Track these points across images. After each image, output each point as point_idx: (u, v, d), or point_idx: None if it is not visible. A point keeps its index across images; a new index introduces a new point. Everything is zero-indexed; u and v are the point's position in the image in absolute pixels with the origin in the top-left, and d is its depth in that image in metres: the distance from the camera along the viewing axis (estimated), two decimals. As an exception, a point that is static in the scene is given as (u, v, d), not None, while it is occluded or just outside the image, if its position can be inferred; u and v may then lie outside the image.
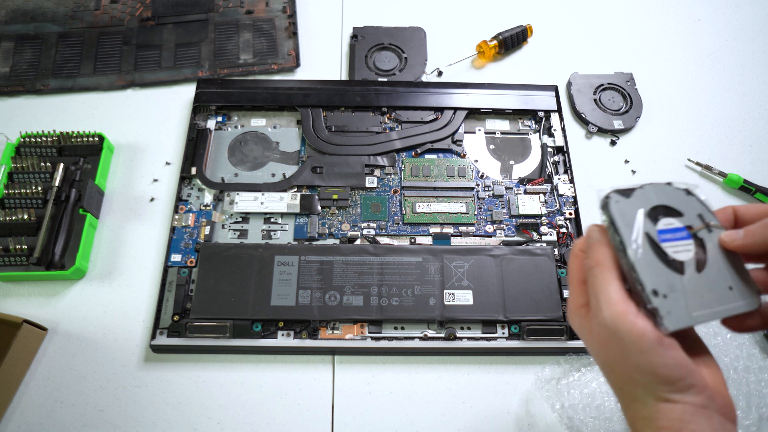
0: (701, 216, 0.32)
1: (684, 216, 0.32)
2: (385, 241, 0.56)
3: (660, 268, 0.30)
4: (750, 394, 0.49)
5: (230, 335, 0.50)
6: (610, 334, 0.29)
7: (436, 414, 0.49)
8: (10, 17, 0.71)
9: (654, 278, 0.30)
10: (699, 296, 0.30)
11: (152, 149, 0.63)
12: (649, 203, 0.32)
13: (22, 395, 0.49)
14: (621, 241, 0.31)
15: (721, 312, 0.31)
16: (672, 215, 0.32)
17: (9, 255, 0.53)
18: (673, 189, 0.33)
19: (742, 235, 0.32)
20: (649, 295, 0.30)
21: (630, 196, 0.32)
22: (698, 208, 0.33)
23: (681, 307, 0.30)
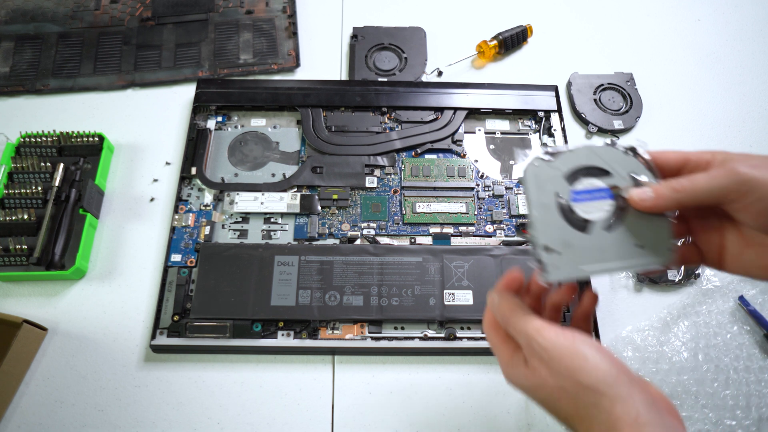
0: (635, 174, 0.33)
1: (612, 176, 0.33)
2: (385, 241, 0.56)
3: (561, 226, 0.32)
4: (750, 394, 0.49)
5: (230, 335, 0.50)
6: (551, 356, 0.30)
7: (436, 414, 0.49)
8: (10, 17, 0.71)
9: (549, 235, 0.32)
10: (597, 252, 0.32)
11: (152, 149, 0.63)
12: (573, 165, 0.33)
13: (22, 395, 0.49)
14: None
15: (617, 267, 0.32)
16: (599, 176, 0.33)
17: (9, 255, 0.53)
18: (611, 150, 0.33)
19: (652, 198, 0.32)
20: (540, 251, 0.32)
21: (554, 160, 0.33)
22: (634, 166, 0.33)
23: (570, 262, 0.32)
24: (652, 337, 0.52)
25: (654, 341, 0.52)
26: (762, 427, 0.47)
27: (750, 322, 0.53)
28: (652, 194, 0.32)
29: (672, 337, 0.52)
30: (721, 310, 0.54)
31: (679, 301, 0.54)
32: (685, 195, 0.31)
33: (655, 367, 0.50)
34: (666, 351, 0.51)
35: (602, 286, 0.56)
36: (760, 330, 0.52)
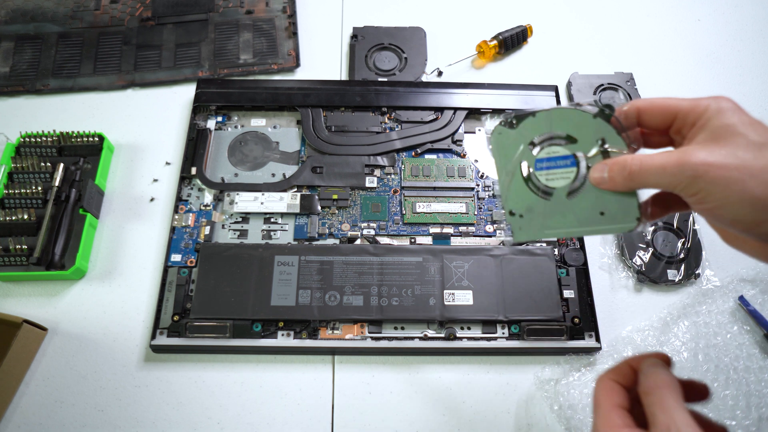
0: (602, 141, 0.32)
1: (578, 143, 0.32)
2: (385, 241, 0.56)
3: (525, 193, 0.34)
4: (750, 394, 0.49)
5: (230, 335, 0.50)
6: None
7: (436, 414, 0.49)
8: (10, 17, 0.71)
9: (514, 201, 0.34)
10: (560, 217, 0.33)
11: (152, 149, 0.63)
12: (537, 132, 0.33)
13: (22, 395, 0.49)
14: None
15: (578, 232, 0.33)
16: (564, 142, 0.33)
17: (9, 255, 0.53)
18: (578, 113, 0.32)
19: (606, 180, 0.31)
20: (507, 215, 0.34)
21: (517, 126, 0.34)
22: (603, 131, 0.32)
23: (533, 226, 0.33)
24: (652, 337, 0.52)
25: (654, 341, 0.52)
26: (762, 427, 0.47)
27: (750, 322, 0.53)
28: (606, 176, 0.31)
29: (672, 337, 0.52)
30: (721, 310, 0.54)
31: (679, 301, 0.54)
32: (636, 183, 0.30)
33: (655, 367, 0.50)
34: (666, 351, 0.51)
35: (602, 287, 0.56)
36: (760, 330, 0.52)
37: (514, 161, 0.34)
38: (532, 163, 0.33)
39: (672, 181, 0.29)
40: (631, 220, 0.31)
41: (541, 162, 0.33)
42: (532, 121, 0.33)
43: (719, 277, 0.56)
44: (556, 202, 0.33)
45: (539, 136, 0.33)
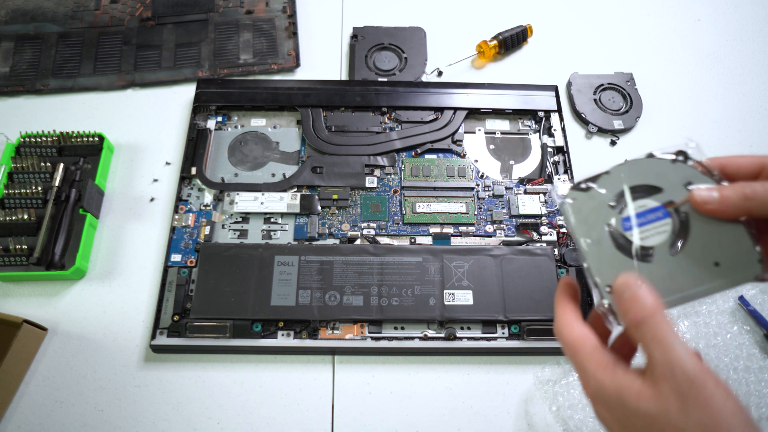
0: (689, 184, 0.28)
1: (664, 191, 0.29)
2: (385, 241, 0.56)
3: (620, 260, 0.28)
4: (750, 394, 0.49)
5: (230, 335, 0.50)
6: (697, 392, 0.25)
7: (436, 414, 0.49)
8: (10, 17, 0.71)
9: (609, 273, 0.28)
10: (669, 281, 0.28)
11: (152, 149, 0.63)
12: (614, 190, 0.29)
13: (22, 395, 0.49)
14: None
15: (697, 293, 0.28)
16: (649, 194, 0.29)
17: (9, 255, 0.53)
18: (655, 161, 0.29)
19: (716, 200, 0.27)
20: (603, 291, 0.27)
21: (593, 187, 0.30)
22: (687, 175, 0.29)
23: None
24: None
25: (654, 341, 0.52)
26: (762, 427, 0.47)
27: (750, 322, 0.53)
28: (717, 196, 0.28)
29: (672, 337, 0.52)
30: (721, 310, 0.54)
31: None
32: (756, 203, 0.27)
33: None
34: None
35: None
36: (760, 330, 0.52)
37: (598, 226, 0.29)
38: (618, 224, 0.29)
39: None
40: (753, 264, 0.27)
41: (628, 221, 0.29)
42: (607, 179, 0.30)
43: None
44: (661, 262, 0.28)
45: (618, 194, 0.29)
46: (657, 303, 0.27)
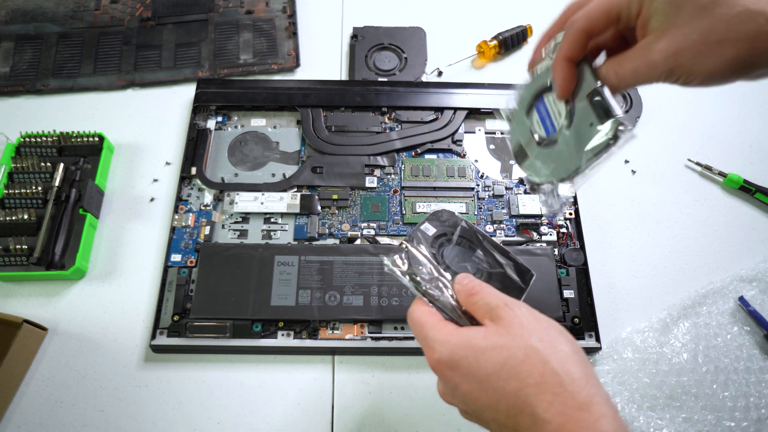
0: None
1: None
2: (385, 241, 0.56)
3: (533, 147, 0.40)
4: (750, 394, 0.49)
5: (230, 335, 0.50)
6: (530, 319, 0.32)
7: (436, 414, 0.49)
8: (10, 17, 0.71)
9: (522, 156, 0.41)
10: (568, 158, 0.37)
11: (152, 149, 0.63)
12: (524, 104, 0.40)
13: (22, 395, 0.49)
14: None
15: (592, 149, 0.35)
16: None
17: (9, 255, 0.53)
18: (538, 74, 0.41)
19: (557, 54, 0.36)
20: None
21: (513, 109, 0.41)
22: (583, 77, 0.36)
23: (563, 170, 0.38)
24: (651, 338, 0.52)
25: (654, 342, 0.52)
26: (762, 427, 0.47)
27: (750, 322, 0.53)
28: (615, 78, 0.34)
29: (672, 339, 0.52)
30: (721, 311, 0.54)
31: (680, 302, 0.54)
32: (624, 86, 0.34)
33: (654, 369, 0.50)
34: (666, 352, 0.51)
35: (602, 286, 0.55)
36: (761, 331, 0.52)
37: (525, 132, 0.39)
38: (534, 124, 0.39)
39: (650, 78, 0.32)
40: (592, 83, 0.35)
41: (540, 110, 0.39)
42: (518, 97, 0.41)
43: (719, 278, 0.56)
44: (561, 144, 0.37)
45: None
46: (479, 281, 0.35)
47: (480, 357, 0.30)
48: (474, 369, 0.30)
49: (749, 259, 0.57)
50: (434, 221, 0.40)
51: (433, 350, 0.32)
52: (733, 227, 0.59)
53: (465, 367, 0.31)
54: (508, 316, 0.31)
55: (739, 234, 0.59)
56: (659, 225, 0.59)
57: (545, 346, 0.30)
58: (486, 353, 0.30)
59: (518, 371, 0.29)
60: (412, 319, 0.35)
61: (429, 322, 0.34)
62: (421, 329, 0.34)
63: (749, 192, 0.60)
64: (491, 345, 0.30)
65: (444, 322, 0.34)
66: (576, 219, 0.58)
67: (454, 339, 0.32)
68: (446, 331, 0.33)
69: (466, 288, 0.35)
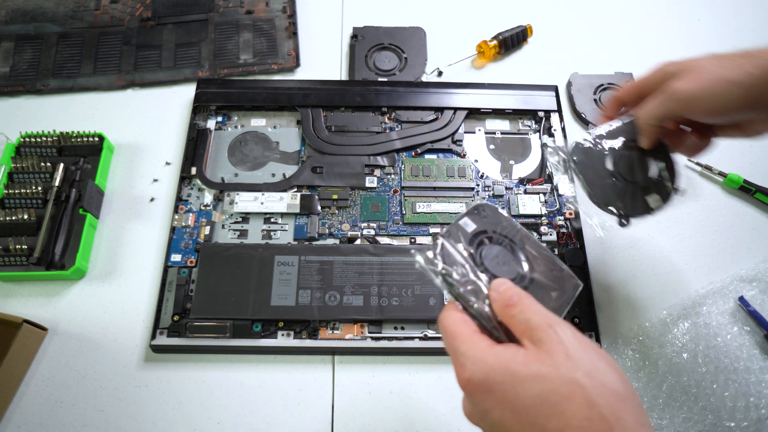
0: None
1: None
2: (385, 241, 0.56)
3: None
4: (750, 394, 0.49)
5: (230, 335, 0.50)
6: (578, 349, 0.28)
7: (436, 414, 0.49)
8: (10, 17, 0.71)
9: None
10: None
11: (152, 149, 0.63)
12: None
13: (22, 395, 0.49)
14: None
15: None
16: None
17: (9, 255, 0.53)
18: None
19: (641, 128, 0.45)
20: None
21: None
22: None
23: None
24: (651, 338, 0.52)
25: (654, 342, 0.52)
26: (762, 427, 0.47)
27: (750, 322, 0.53)
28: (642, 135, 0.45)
29: (672, 338, 0.52)
30: (721, 311, 0.54)
31: (680, 302, 0.54)
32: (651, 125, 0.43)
33: (654, 369, 0.50)
34: (666, 352, 0.51)
35: (602, 286, 0.56)
36: (761, 331, 0.52)
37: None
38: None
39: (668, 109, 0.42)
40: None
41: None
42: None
43: (719, 278, 0.56)
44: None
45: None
46: (521, 290, 0.31)
47: (518, 386, 0.27)
48: (510, 398, 0.27)
49: (749, 259, 0.57)
50: (474, 216, 0.36)
51: (464, 368, 0.29)
52: (733, 227, 0.59)
53: (500, 393, 0.28)
54: (551, 341, 0.28)
55: (739, 234, 0.59)
56: (659, 225, 0.59)
57: (594, 385, 0.26)
58: (525, 382, 0.27)
59: (561, 410, 0.26)
60: (443, 327, 0.31)
61: (462, 332, 0.30)
62: (453, 340, 0.30)
63: (749, 192, 0.60)
64: (532, 374, 0.27)
65: (479, 336, 0.30)
66: (576, 219, 0.58)
67: (490, 359, 0.28)
68: (481, 347, 0.29)
69: (504, 297, 0.31)
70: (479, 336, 0.30)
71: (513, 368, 0.27)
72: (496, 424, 0.28)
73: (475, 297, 0.32)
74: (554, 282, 0.34)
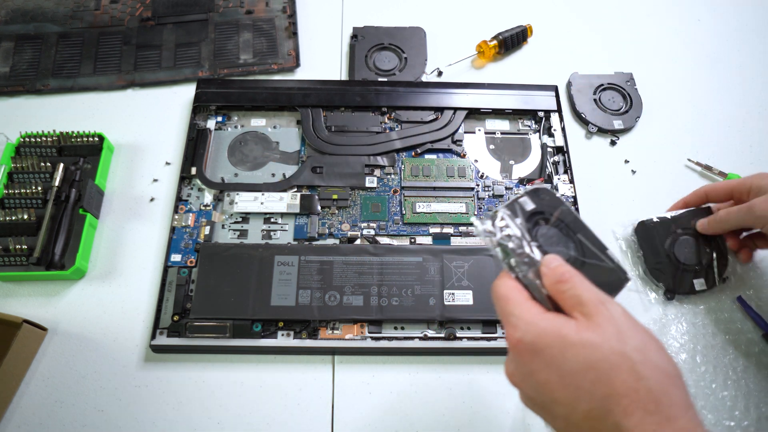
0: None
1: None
2: (385, 241, 0.56)
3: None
4: (749, 394, 0.49)
5: (230, 335, 0.50)
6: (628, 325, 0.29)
7: (436, 414, 0.49)
8: (10, 17, 0.71)
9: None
10: None
11: (152, 149, 0.63)
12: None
13: (22, 395, 0.49)
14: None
15: None
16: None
17: (9, 255, 0.53)
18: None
19: (705, 226, 0.53)
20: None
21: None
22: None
23: None
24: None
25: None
26: (761, 427, 0.48)
27: (748, 322, 0.53)
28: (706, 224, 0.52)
29: (670, 339, 0.52)
30: (719, 310, 0.54)
31: (678, 302, 0.54)
32: (723, 225, 0.51)
33: (654, 368, 0.50)
34: (665, 351, 0.51)
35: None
36: (759, 330, 0.52)
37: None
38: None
39: (743, 222, 0.49)
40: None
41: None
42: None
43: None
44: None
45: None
46: (572, 268, 0.32)
47: (568, 350, 0.28)
48: (558, 361, 0.28)
49: (749, 259, 0.57)
50: (534, 197, 0.37)
51: (516, 328, 0.30)
52: (732, 227, 0.59)
53: (549, 356, 0.29)
54: (602, 316, 0.29)
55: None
56: (659, 225, 0.59)
57: (643, 360, 0.27)
58: (575, 348, 0.28)
59: (609, 377, 0.27)
60: (497, 292, 0.33)
61: (515, 297, 0.32)
62: (506, 304, 0.32)
63: (749, 192, 0.60)
64: (582, 340, 0.28)
65: (531, 302, 0.31)
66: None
67: (542, 323, 0.30)
68: (534, 311, 0.31)
69: (555, 273, 0.31)
70: (532, 302, 0.31)
71: (564, 333, 0.29)
72: (540, 385, 0.29)
73: (528, 268, 0.33)
74: (602, 273, 0.34)
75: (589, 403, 0.27)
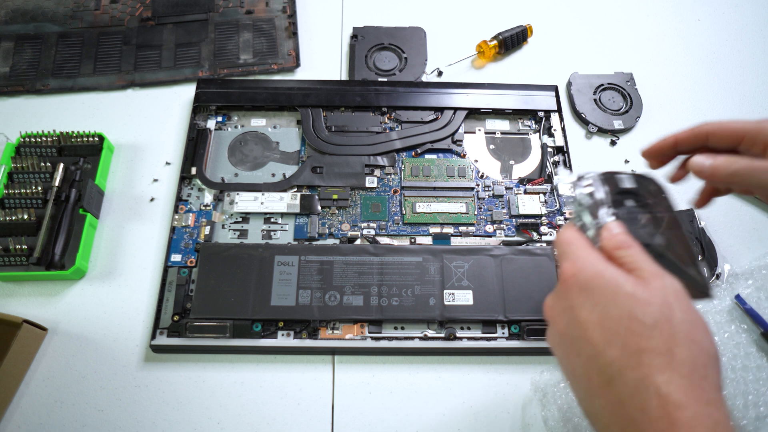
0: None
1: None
2: (385, 241, 0.56)
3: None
4: (748, 393, 0.49)
5: (230, 335, 0.50)
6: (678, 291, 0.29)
7: (436, 414, 0.49)
8: (10, 17, 0.71)
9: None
10: None
11: (152, 149, 0.63)
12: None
13: (22, 395, 0.49)
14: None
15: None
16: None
17: (9, 255, 0.53)
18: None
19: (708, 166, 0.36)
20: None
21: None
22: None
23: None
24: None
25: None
26: (760, 425, 0.48)
27: (747, 320, 0.53)
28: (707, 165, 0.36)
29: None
30: (717, 309, 0.54)
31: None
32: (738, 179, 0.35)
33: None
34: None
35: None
36: (757, 328, 0.52)
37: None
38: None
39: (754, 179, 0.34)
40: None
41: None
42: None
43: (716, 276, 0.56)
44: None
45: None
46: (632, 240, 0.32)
47: (618, 297, 0.29)
48: (604, 303, 0.29)
49: (746, 258, 0.57)
50: (637, 180, 0.37)
51: (575, 263, 0.31)
52: (732, 227, 0.59)
53: (598, 296, 0.29)
54: (656, 284, 0.29)
55: (738, 233, 0.59)
56: (659, 225, 0.59)
57: (686, 330, 0.27)
58: (626, 297, 0.28)
59: (649, 333, 0.27)
60: (561, 237, 0.33)
61: (581, 242, 0.32)
62: (569, 246, 0.32)
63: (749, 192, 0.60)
64: (632, 293, 0.28)
65: (595, 249, 0.32)
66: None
67: (601, 266, 0.30)
68: (596, 255, 0.31)
69: (616, 240, 0.31)
70: (595, 249, 0.32)
71: (619, 281, 0.29)
72: (578, 321, 0.29)
73: (595, 230, 0.33)
74: (681, 276, 0.32)
75: (621, 350, 0.27)
